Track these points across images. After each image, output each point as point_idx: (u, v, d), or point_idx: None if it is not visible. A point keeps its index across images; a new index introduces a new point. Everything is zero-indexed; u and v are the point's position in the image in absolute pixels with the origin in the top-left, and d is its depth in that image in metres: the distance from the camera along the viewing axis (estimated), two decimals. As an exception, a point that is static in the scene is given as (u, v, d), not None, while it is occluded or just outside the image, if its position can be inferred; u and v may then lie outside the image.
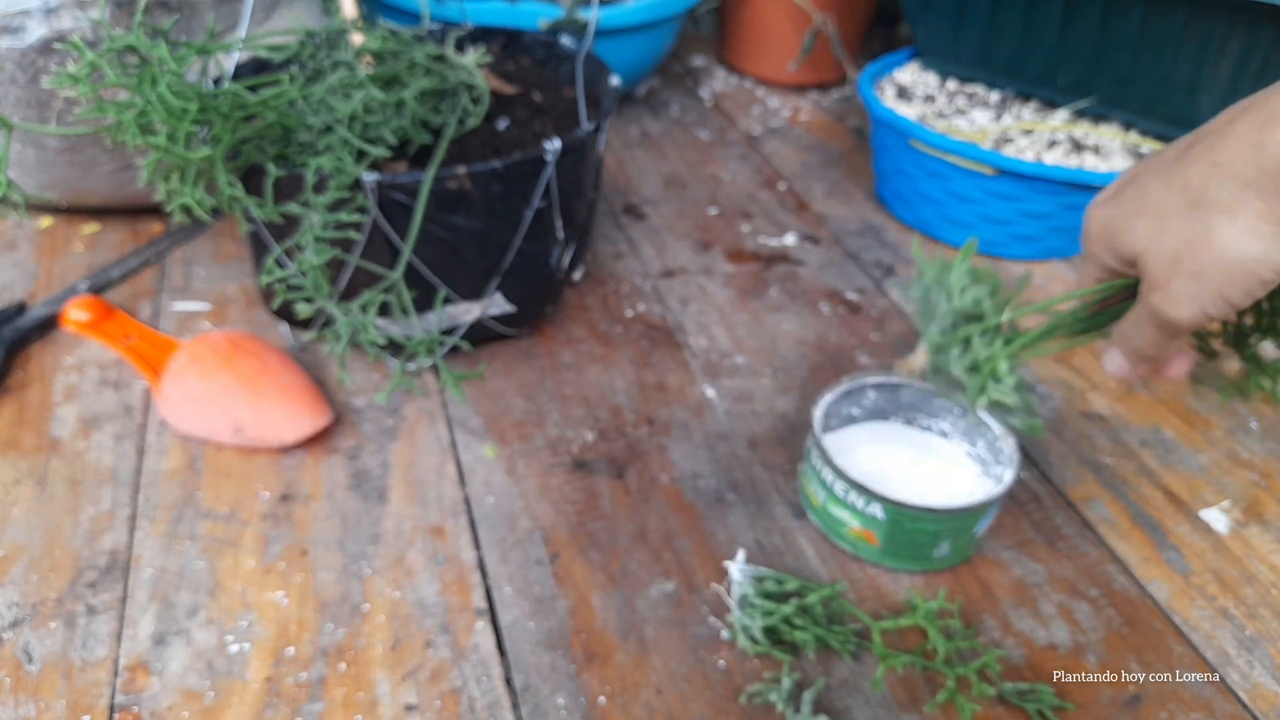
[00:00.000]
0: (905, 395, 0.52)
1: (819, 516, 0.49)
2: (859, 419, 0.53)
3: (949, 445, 0.51)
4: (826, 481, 0.47)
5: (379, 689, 0.41)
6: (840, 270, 0.70)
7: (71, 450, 0.52)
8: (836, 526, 0.47)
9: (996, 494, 0.44)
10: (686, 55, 1.09)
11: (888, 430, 0.52)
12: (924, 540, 0.45)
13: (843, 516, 0.47)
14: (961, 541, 0.46)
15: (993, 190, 0.68)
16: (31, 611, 0.43)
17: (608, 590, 0.45)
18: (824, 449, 0.46)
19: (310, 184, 0.48)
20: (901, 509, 0.44)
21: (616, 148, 0.87)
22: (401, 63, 0.55)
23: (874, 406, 0.52)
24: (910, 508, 0.44)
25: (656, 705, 0.40)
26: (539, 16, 0.77)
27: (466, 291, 0.55)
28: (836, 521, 0.47)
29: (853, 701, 0.41)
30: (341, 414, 0.55)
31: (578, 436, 0.54)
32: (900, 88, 0.78)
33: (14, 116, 0.61)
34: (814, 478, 0.48)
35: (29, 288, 0.64)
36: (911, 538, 0.45)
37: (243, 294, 0.64)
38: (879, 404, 0.52)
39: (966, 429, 0.50)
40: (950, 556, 0.46)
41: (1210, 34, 0.62)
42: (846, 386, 0.51)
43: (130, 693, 0.40)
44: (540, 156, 0.51)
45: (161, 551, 0.46)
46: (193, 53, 0.47)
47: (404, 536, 0.48)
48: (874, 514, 0.45)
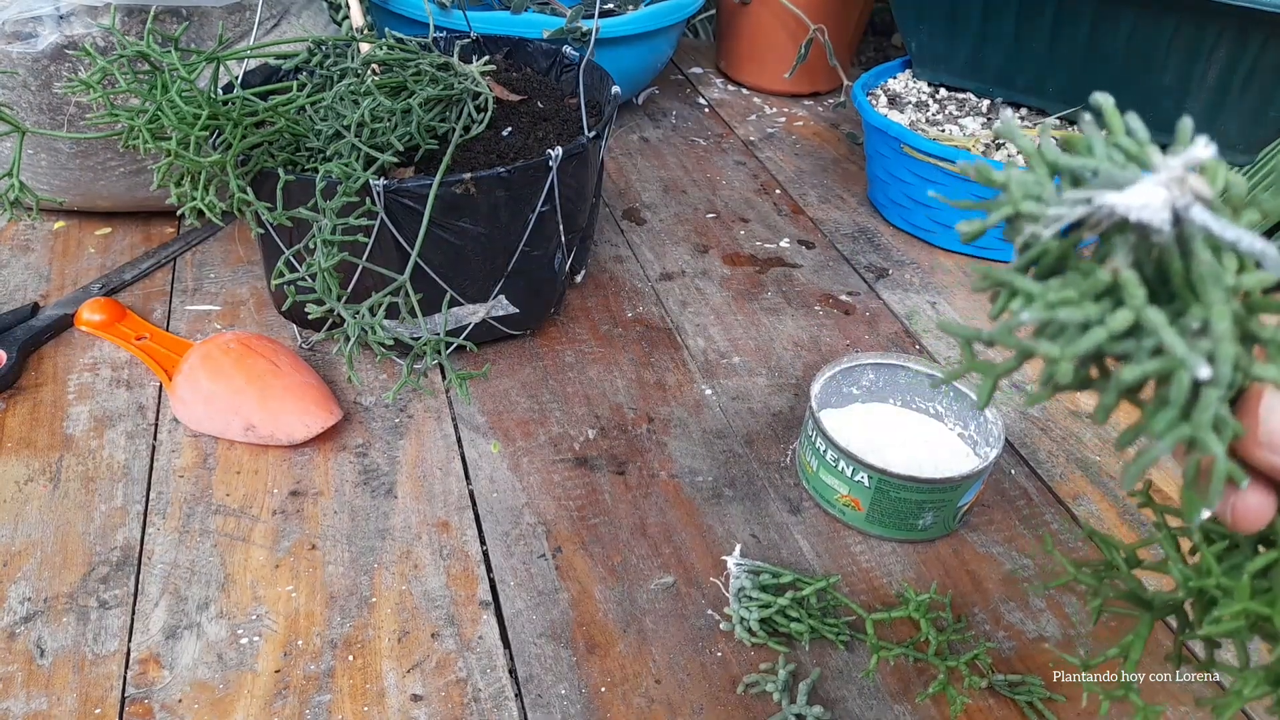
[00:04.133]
0: (903, 377, 0.54)
1: (812, 483, 0.51)
2: (858, 398, 0.55)
3: (942, 427, 0.53)
4: (819, 449, 0.49)
5: (386, 680, 0.42)
6: (834, 273, 0.72)
7: (85, 448, 0.53)
8: (827, 493, 0.50)
9: (977, 468, 0.47)
10: (685, 64, 1.10)
11: (885, 410, 0.55)
12: (908, 510, 0.47)
13: (833, 483, 0.49)
14: (945, 514, 0.48)
15: (983, 195, 0.69)
16: (44, 606, 0.44)
17: (609, 583, 0.46)
18: (818, 418, 0.49)
19: (320, 189, 0.49)
20: (886, 477, 0.46)
21: (617, 154, 0.88)
22: (408, 71, 0.57)
23: (872, 387, 0.55)
24: (895, 476, 0.46)
25: (656, 695, 0.42)
26: (542, 26, 0.78)
27: (472, 294, 0.56)
28: (827, 488, 0.50)
29: (847, 691, 0.42)
30: (350, 412, 0.56)
31: (579, 434, 0.55)
32: (893, 95, 0.80)
33: (27, 121, 0.62)
34: (808, 446, 0.50)
35: (42, 289, 0.65)
36: (896, 506, 0.47)
37: (253, 296, 0.66)
38: (878, 385, 0.55)
39: (960, 412, 0.52)
40: (933, 528, 0.48)
41: (1199, 41, 0.64)
42: (847, 364, 0.53)
43: (141, 685, 0.41)
44: (543, 162, 0.52)
45: (173, 547, 0.47)
46: (203, 60, 0.48)
47: (411, 531, 0.49)
48: (861, 481, 0.47)
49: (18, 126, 0.46)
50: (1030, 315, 0.19)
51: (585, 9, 0.79)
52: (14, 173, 0.46)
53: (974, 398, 0.52)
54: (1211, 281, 0.18)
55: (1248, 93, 0.64)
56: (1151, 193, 0.18)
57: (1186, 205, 0.18)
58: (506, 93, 0.63)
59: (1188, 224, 0.18)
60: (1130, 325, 0.18)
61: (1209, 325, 0.18)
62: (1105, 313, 0.18)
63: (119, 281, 0.66)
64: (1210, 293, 0.18)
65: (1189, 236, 0.18)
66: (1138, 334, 0.18)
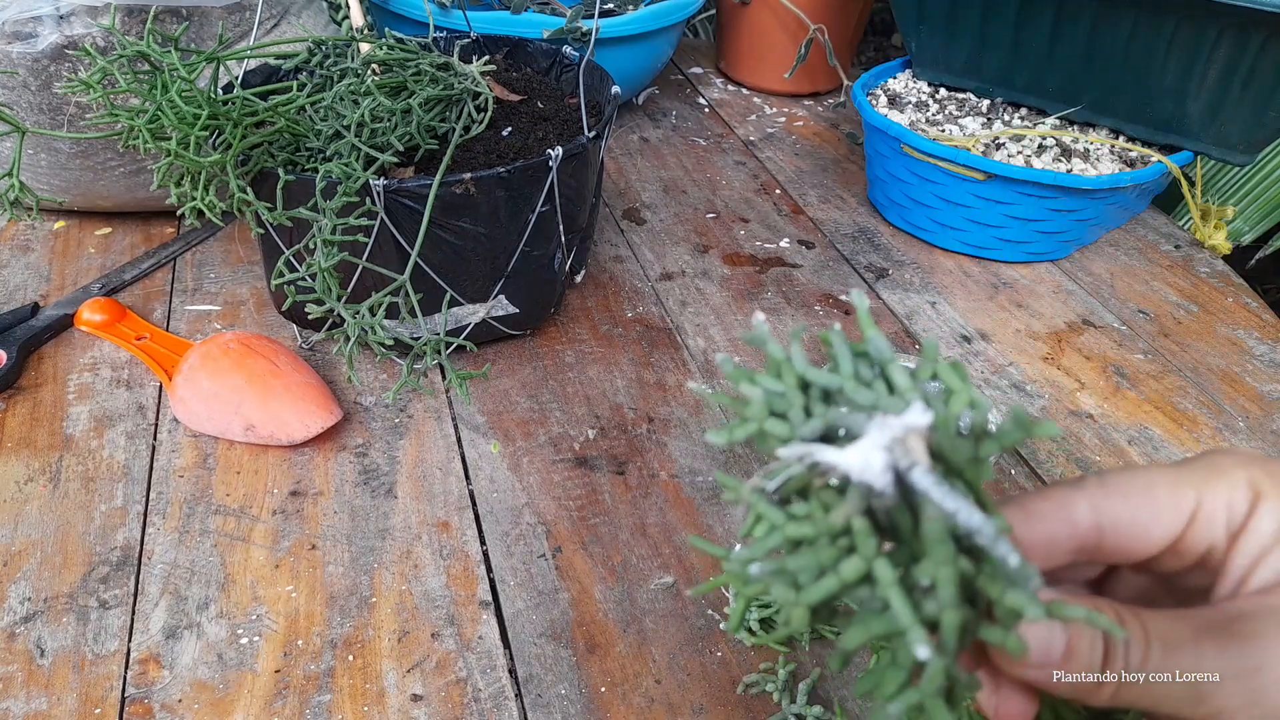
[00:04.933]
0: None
1: None
2: None
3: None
4: None
5: (386, 680, 0.42)
6: (834, 273, 0.72)
7: (85, 448, 0.53)
8: None
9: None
10: (685, 64, 1.10)
11: None
12: None
13: None
14: None
15: (982, 195, 0.69)
16: (44, 606, 0.44)
17: (609, 583, 0.47)
18: None
19: (320, 189, 0.49)
20: None
21: (617, 154, 0.88)
22: (408, 71, 0.57)
23: None
24: None
25: (656, 695, 0.42)
26: (542, 26, 0.78)
27: (472, 294, 0.56)
28: None
29: (847, 692, 0.42)
30: (350, 412, 0.56)
31: (579, 434, 0.55)
32: (893, 95, 0.80)
33: (27, 121, 0.62)
34: None
35: (42, 289, 0.65)
36: None
37: (253, 296, 0.66)
38: None
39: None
40: None
41: (1199, 41, 0.64)
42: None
43: (141, 685, 0.41)
44: (543, 162, 0.53)
45: (173, 546, 0.47)
46: (203, 60, 0.48)
47: (411, 531, 0.49)
48: None
49: (18, 126, 0.46)
50: (759, 570, 0.19)
51: (585, 9, 0.79)
52: (14, 173, 0.46)
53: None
54: (937, 541, 0.18)
55: (1248, 93, 0.64)
56: (870, 455, 0.18)
57: (909, 466, 0.18)
58: (506, 93, 0.63)
59: (911, 485, 0.18)
60: (862, 575, 0.18)
61: (936, 587, 0.18)
62: (839, 558, 0.18)
63: (119, 281, 0.66)
64: (937, 552, 0.18)
65: (914, 494, 0.18)
66: (870, 583, 0.18)
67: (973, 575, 0.19)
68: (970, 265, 0.74)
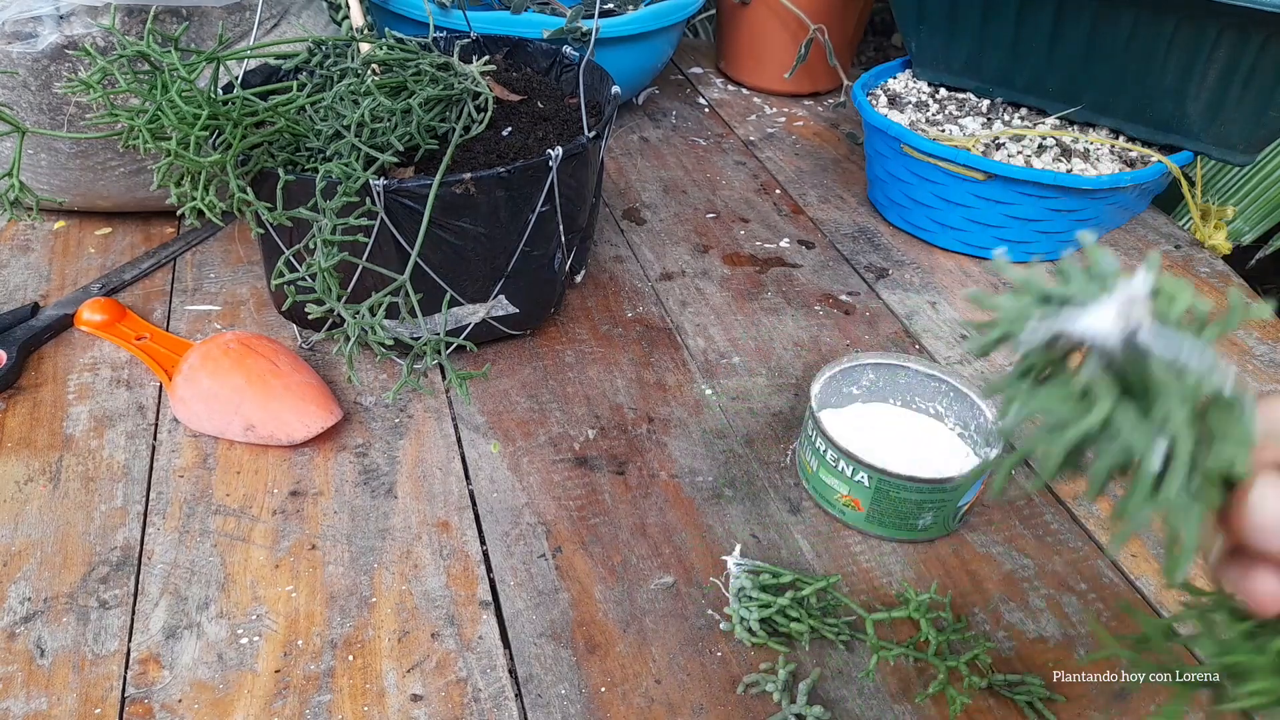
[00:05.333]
0: (902, 377, 0.54)
1: (812, 483, 0.51)
2: (859, 398, 0.55)
3: (942, 427, 0.53)
4: (819, 449, 0.49)
5: (386, 680, 0.42)
6: (834, 273, 0.72)
7: (85, 448, 0.53)
8: (827, 493, 0.50)
9: (976, 469, 0.47)
10: (685, 64, 1.10)
11: (885, 410, 0.55)
12: (907, 509, 0.47)
13: (833, 484, 0.49)
14: (945, 514, 0.48)
15: (982, 195, 0.69)
16: (44, 606, 0.44)
17: (608, 583, 0.47)
18: (818, 418, 0.49)
19: (320, 189, 0.49)
20: (886, 477, 0.46)
21: (617, 154, 0.88)
22: (408, 71, 0.57)
23: (873, 387, 0.55)
24: (894, 476, 0.46)
25: (656, 695, 0.42)
26: (542, 26, 0.78)
27: (472, 294, 0.56)
28: (827, 488, 0.50)
29: (846, 692, 0.42)
30: (350, 412, 0.56)
31: (579, 434, 0.55)
32: (893, 95, 0.80)
33: (27, 121, 0.62)
34: (808, 446, 0.50)
35: (42, 289, 0.65)
36: (895, 506, 0.47)
37: (253, 296, 0.66)
38: (878, 385, 0.55)
39: (959, 412, 0.53)
40: (933, 528, 0.49)
41: (1199, 41, 0.64)
42: (847, 364, 0.54)
43: (141, 685, 0.41)
44: (543, 162, 0.53)
45: (173, 546, 0.47)
46: (203, 60, 0.48)
47: (411, 531, 0.49)
48: (861, 481, 0.47)
49: (18, 126, 0.46)
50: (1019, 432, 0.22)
51: (585, 9, 0.79)
52: (14, 173, 0.46)
53: (974, 397, 0.52)
54: (1168, 387, 0.21)
55: (1248, 93, 0.64)
56: (1103, 316, 0.21)
57: (1137, 325, 0.20)
58: (506, 93, 0.63)
59: (1138, 341, 0.20)
60: (1105, 418, 0.21)
61: (1168, 421, 0.21)
62: (1083, 412, 0.21)
63: (119, 281, 0.66)
64: (1167, 395, 0.21)
65: (1143, 351, 0.21)
66: (1109, 430, 0.21)
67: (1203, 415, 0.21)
68: (970, 265, 0.74)
